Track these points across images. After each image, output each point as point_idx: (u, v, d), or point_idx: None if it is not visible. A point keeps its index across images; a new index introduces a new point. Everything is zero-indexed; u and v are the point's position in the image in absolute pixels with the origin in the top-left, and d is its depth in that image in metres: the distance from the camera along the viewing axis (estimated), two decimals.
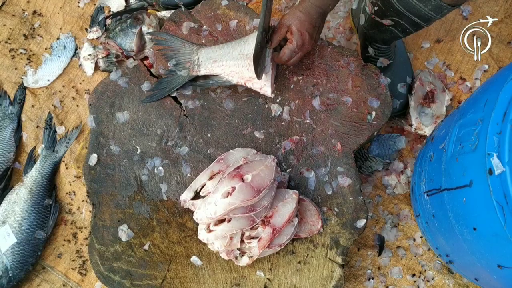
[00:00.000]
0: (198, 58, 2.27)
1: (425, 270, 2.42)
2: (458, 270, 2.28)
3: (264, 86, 2.20)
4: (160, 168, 2.26)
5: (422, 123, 2.49)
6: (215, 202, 1.98)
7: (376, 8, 2.12)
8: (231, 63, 2.21)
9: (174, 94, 2.32)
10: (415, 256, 2.43)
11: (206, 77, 2.30)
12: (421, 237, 2.43)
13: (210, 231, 2.06)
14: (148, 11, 2.67)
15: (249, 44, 2.18)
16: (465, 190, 1.71)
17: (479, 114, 1.68)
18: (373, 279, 2.42)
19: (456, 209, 1.81)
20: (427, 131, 2.49)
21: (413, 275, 2.41)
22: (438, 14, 1.95)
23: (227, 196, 1.96)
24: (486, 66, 2.60)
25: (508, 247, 1.54)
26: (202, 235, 2.10)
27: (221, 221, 2.06)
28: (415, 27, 2.08)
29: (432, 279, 2.41)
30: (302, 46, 2.07)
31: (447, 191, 1.87)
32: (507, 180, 1.48)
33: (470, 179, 1.66)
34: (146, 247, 2.19)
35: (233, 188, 1.96)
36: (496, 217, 1.53)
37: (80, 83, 2.71)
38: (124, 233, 2.20)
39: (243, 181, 1.99)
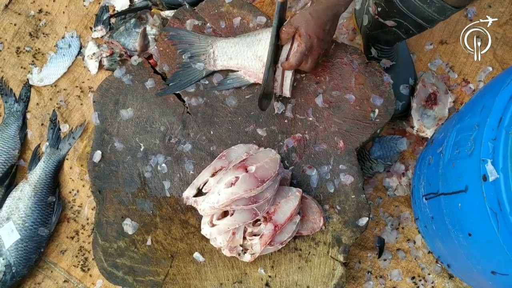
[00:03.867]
0: (213, 52, 2.29)
1: (425, 273, 2.41)
2: (457, 274, 2.29)
3: (283, 91, 2.22)
4: (163, 165, 2.27)
5: (424, 125, 2.49)
6: (218, 192, 1.99)
7: (379, 9, 2.13)
8: (246, 63, 2.23)
9: (178, 91, 2.33)
10: (415, 259, 2.43)
11: (223, 72, 2.32)
12: (421, 240, 2.43)
13: (213, 225, 2.07)
14: (152, 10, 2.68)
15: (262, 44, 2.19)
16: (461, 196, 1.71)
17: (476, 119, 1.68)
18: (372, 281, 2.42)
19: (452, 214, 1.82)
20: (429, 133, 2.48)
21: (413, 277, 2.41)
22: (442, 16, 1.96)
23: (231, 186, 1.98)
24: (490, 68, 2.59)
25: (502, 253, 1.54)
26: (205, 229, 2.10)
27: (224, 216, 2.07)
28: (418, 28, 2.08)
29: (432, 282, 2.40)
30: (311, 49, 2.07)
31: (443, 196, 1.87)
32: (501, 187, 1.48)
33: (466, 184, 1.67)
34: (149, 242, 2.20)
35: (237, 178, 1.98)
36: (490, 223, 1.53)
37: (84, 82, 2.72)
38: (129, 226, 2.21)
39: (247, 171, 2.00)
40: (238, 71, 2.28)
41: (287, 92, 2.22)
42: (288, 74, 2.18)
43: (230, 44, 2.26)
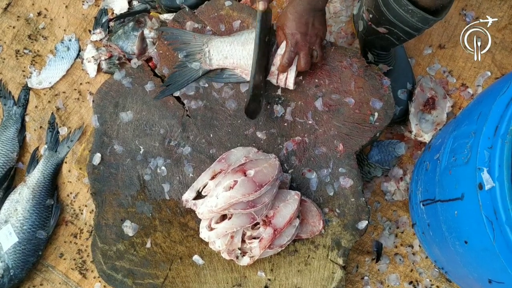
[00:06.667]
0: (209, 51, 2.29)
1: (423, 278, 2.41)
2: (454, 280, 2.28)
3: (287, 84, 2.23)
4: (163, 167, 2.27)
5: (422, 129, 2.49)
6: (216, 195, 2.00)
7: (371, 16, 2.13)
8: (242, 62, 2.23)
9: (177, 94, 2.33)
10: (412, 264, 2.42)
11: (220, 70, 2.33)
12: (419, 244, 2.43)
13: (211, 229, 2.07)
14: (151, 14, 2.69)
15: None
16: (457, 203, 1.70)
17: (473, 127, 1.68)
18: (370, 285, 2.42)
19: (449, 221, 1.81)
20: (427, 138, 2.48)
21: (411, 282, 2.41)
22: (425, 25, 1.98)
23: (229, 190, 1.98)
24: (489, 73, 2.59)
25: (498, 262, 1.53)
26: (204, 233, 2.10)
27: (223, 219, 2.07)
28: (408, 35, 2.09)
29: (430, 287, 2.40)
30: (297, 46, 2.10)
31: (440, 203, 1.87)
32: (496, 195, 1.47)
33: (462, 192, 1.66)
34: (148, 244, 2.20)
35: (235, 182, 1.98)
36: (486, 232, 1.53)
37: (83, 84, 2.72)
38: (129, 228, 2.22)
39: (245, 175, 2.00)
40: (234, 69, 2.28)
41: (290, 85, 2.22)
42: (293, 68, 2.18)
43: (225, 44, 2.26)
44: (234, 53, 2.24)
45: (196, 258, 2.19)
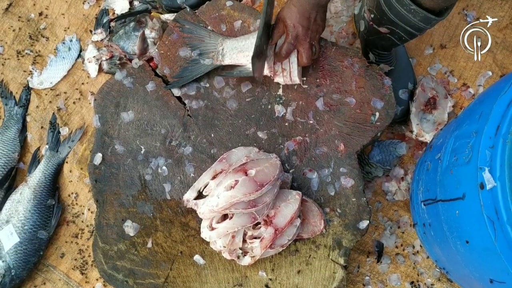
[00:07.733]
0: (222, 49, 2.29)
1: (424, 278, 2.41)
2: (455, 280, 2.28)
3: (292, 79, 2.23)
4: (164, 167, 2.27)
5: (423, 129, 2.48)
6: (217, 195, 2.00)
7: (372, 16, 2.13)
8: None
9: (178, 94, 2.34)
10: (414, 264, 2.42)
11: (230, 67, 2.32)
12: (420, 244, 2.43)
13: (212, 228, 2.07)
14: (152, 14, 2.69)
15: None
16: (458, 203, 1.70)
17: (474, 126, 1.67)
18: (371, 285, 2.41)
19: (450, 221, 1.81)
20: (428, 137, 2.47)
21: (412, 282, 2.41)
22: (428, 25, 1.97)
23: (230, 189, 1.98)
24: (490, 73, 2.59)
25: (499, 262, 1.53)
26: (205, 233, 2.11)
27: (224, 219, 2.07)
28: (409, 35, 2.09)
29: (431, 287, 2.40)
30: (297, 39, 2.10)
31: (441, 202, 1.87)
32: (498, 195, 1.47)
33: (463, 192, 1.66)
34: (149, 244, 2.21)
35: (236, 181, 1.98)
36: (487, 231, 1.53)
37: (84, 85, 2.72)
38: (130, 228, 2.22)
39: (246, 175, 2.00)
40: (245, 65, 2.26)
41: (296, 79, 2.21)
42: (294, 60, 2.17)
43: (241, 40, 2.26)
44: (250, 46, 2.22)
45: (197, 258, 2.19)
